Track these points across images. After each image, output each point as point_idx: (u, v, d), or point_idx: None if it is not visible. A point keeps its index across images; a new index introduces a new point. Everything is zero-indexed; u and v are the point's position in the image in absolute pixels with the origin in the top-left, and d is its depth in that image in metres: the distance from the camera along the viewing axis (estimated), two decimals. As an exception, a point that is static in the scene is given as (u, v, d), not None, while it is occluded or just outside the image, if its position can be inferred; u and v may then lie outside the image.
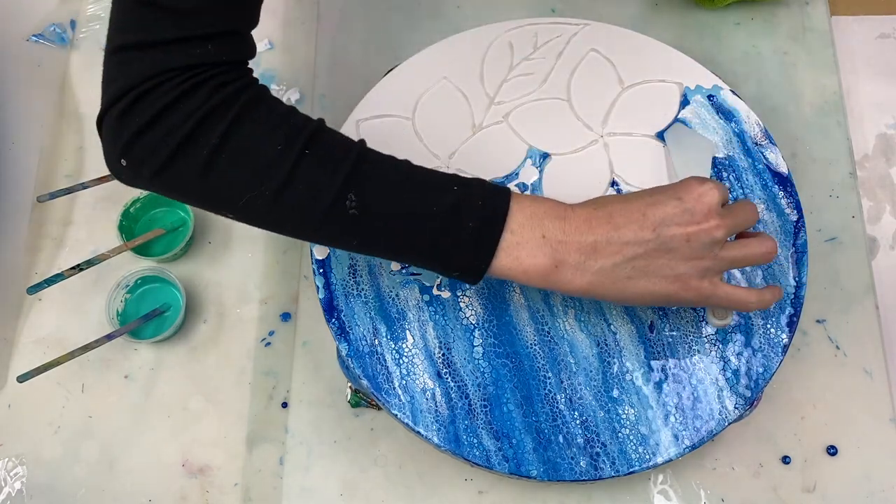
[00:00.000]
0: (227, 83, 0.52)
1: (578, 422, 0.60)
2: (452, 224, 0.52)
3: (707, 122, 0.68)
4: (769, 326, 0.62)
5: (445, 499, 0.69)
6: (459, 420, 0.60)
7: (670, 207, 0.53)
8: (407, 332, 0.62)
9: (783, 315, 0.63)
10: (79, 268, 0.72)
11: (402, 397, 0.61)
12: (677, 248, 0.53)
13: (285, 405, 0.73)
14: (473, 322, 0.63)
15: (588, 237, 0.53)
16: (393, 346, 0.62)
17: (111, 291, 0.73)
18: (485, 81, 0.70)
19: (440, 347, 0.62)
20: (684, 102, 0.69)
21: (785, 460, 0.70)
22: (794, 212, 0.66)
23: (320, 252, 0.65)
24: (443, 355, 0.62)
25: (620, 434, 0.60)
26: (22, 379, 0.68)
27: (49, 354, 0.71)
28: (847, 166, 0.79)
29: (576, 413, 0.60)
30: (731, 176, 0.67)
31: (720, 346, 0.62)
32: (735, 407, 0.61)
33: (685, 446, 0.60)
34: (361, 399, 0.71)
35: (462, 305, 0.63)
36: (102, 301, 0.74)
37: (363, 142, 0.54)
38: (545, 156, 0.68)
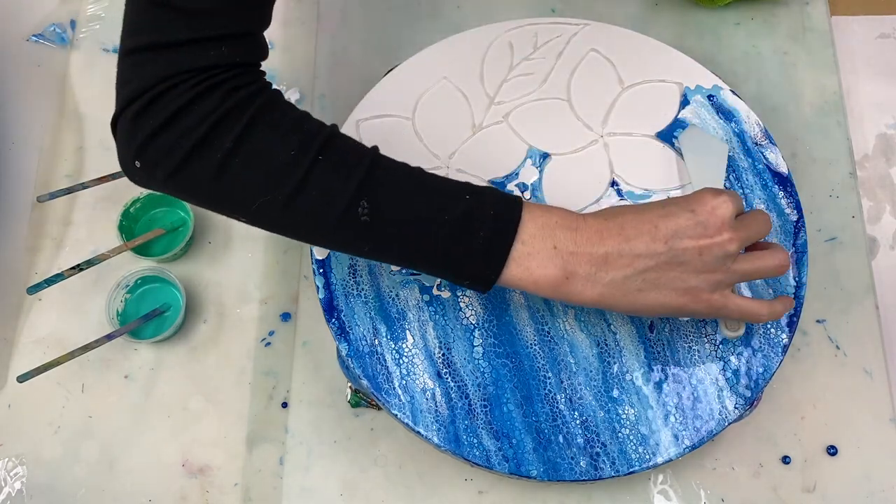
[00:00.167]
0: (242, 87, 0.52)
1: (578, 422, 0.60)
2: (463, 233, 0.52)
3: (707, 122, 0.68)
4: (769, 326, 0.62)
5: (445, 499, 0.69)
6: (459, 420, 0.60)
7: (683, 220, 0.53)
8: (407, 332, 0.62)
9: (783, 316, 0.63)
10: (79, 268, 0.72)
11: (402, 397, 0.61)
12: (689, 261, 0.52)
13: (285, 405, 0.73)
14: (473, 322, 0.63)
15: (599, 248, 0.53)
16: (393, 346, 0.62)
17: (111, 291, 0.73)
18: (485, 81, 0.70)
19: (440, 347, 0.62)
20: (684, 102, 0.69)
21: (785, 460, 0.70)
22: (794, 212, 0.66)
23: (320, 252, 0.65)
24: (443, 355, 0.62)
25: (620, 434, 0.60)
26: (22, 379, 0.68)
27: (49, 354, 0.72)
28: (847, 166, 0.79)
29: (576, 413, 0.60)
30: (731, 176, 0.67)
31: (720, 346, 0.62)
32: (735, 407, 0.61)
33: (685, 446, 0.60)
34: (361, 399, 0.71)
35: (462, 305, 0.63)
36: (102, 301, 0.74)
37: (376, 148, 0.54)
38: (545, 156, 0.68)
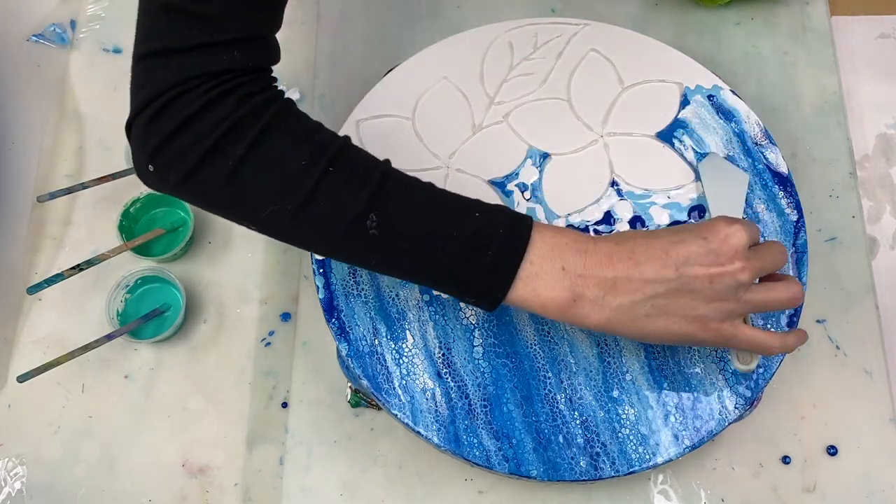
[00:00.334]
0: (255, 93, 0.52)
1: (578, 422, 0.60)
2: (472, 250, 0.52)
3: (707, 122, 0.68)
4: (769, 326, 0.62)
5: (445, 499, 0.69)
6: (459, 420, 0.60)
7: (695, 247, 0.52)
8: (407, 332, 0.62)
9: (783, 315, 0.63)
10: (79, 268, 0.72)
11: (402, 397, 0.61)
12: (699, 289, 0.52)
13: (285, 405, 0.73)
14: (473, 322, 0.63)
15: (608, 273, 0.52)
16: (393, 346, 0.62)
17: (111, 291, 0.73)
18: (485, 81, 0.70)
19: (440, 347, 0.62)
20: (684, 102, 0.69)
21: (785, 460, 0.70)
22: (794, 212, 0.66)
23: (320, 252, 0.65)
24: (443, 355, 0.62)
25: (620, 434, 0.60)
26: (22, 379, 0.68)
27: (49, 354, 0.72)
28: (847, 166, 0.79)
29: (576, 413, 0.60)
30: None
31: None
32: (735, 407, 0.61)
33: (685, 446, 0.60)
34: (361, 399, 0.71)
35: (462, 305, 0.63)
36: (102, 301, 0.74)
37: (388, 161, 0.54)
38: (545, 156, 0.68)
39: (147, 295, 0.76)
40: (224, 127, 0.50)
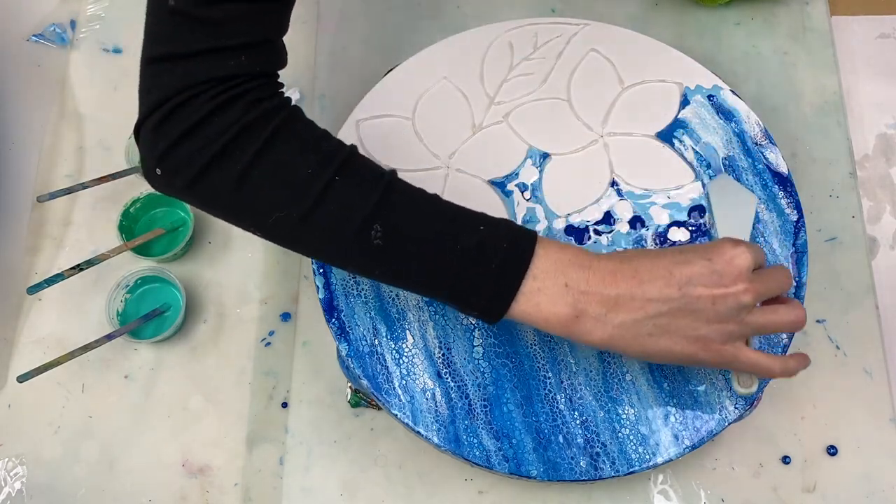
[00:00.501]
0: (263, 99, 0.52)
1: (578, 422, 0.60)
2: (475, 263, 0.52)
3: (707, 122, 0.68)
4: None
5: (445, 499, 0.69)
6: (459, 420, 0.60)
7: (698, 267, 0.52)
8: (407, 332, 0.62)
9: (783, 315, 0.63)
10: (79, 268, 0.72)
11: (402, 397, 0.61)
12: (702, 310, 0.52)
13: (285, 405, 0.73)
14: (473, 322, 0.63)
15: (612, 290, 0.52)
16: (393, 346, 0.62)
17: (111, 291, 0.73)
18: (485, 81, 0.70)
19: (440, 347, 0.62)
20: (684, 102, 0.69)
21: (785, 460, 0.70)
22: (794, 212, 0.66)
23: (320, 252, 0.65)
24: (443, 355, 0.62)
25: (620, 434, 0.60)
26: (22, 379, 0.68)
27: (49, 354, 0.72)
28: (847, 166, 0.79)
29: (576, 413, 0.60)
30: (732, 176, 0.67)
31: (720, 346, 0.62)
32: (735, 407, 0.61)
33: (685, 446, 0.60)
34: (361, 399, 0.71)
35: (462, 305, 0.63)
36: (102, 301, 0.74)
37: (394, 172, 0.54)
38: (545, 156, 0.68)
39: (147, 295, 0.76)
40: (232, 132, 0.50)
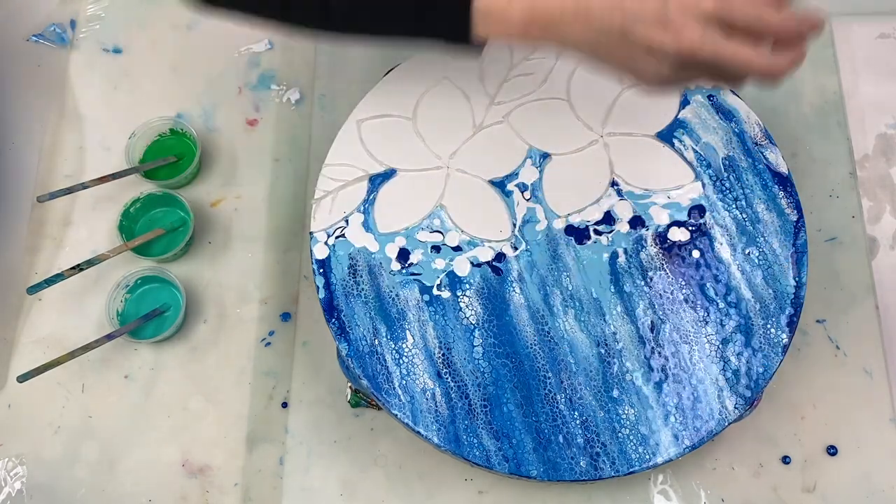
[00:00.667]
0: None
1: (578, 422, 0.60)
2: None
3: (707, 122, 0.68)
4: (769, 326, 0.62)
5: (445, 499, 0.69)
6: (459, 420, 0.60)
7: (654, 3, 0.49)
8: (407, 332, 0.62)
9: (783, 315, 0.63)
10: (79, 268, 0.72)
11: (402, 397, 0.61)
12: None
13: (285, 405, 0.73)
14: (473, 322, 0.63)
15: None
16: (393, 346, 0.62)
17: (111, 291, 0.73)
18: (485, 81, 0.70)
19: (440, 347, 0.62)
20: (684, 102, 0.69)
21: (785, 460, 0.70)
22: (794, 212, 0.66)
23: (320, 252, 0.65)
24: (443, 355, 0.62)
25: (620, 434, 0.60)
26: (22, 379, 0.68)
27: (49, 354, 0.72)
28: (847, 166, 0.79)
29: (576, 413, 0.60)
30: (732, 176, 0.67)
31: (720, 347, 0.62)
32: (735, 407, 0.61)
33: (685, 446, 0.60)
34: (361, 399, 0.71)
35: (462, 305, 0.63)
36: (102, 301, 0.74)
37: None
38: (545, 156, 0.68)
39: (147, 295, 0.76)
40: None
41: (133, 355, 0.75)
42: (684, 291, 0.64)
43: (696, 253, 0.65)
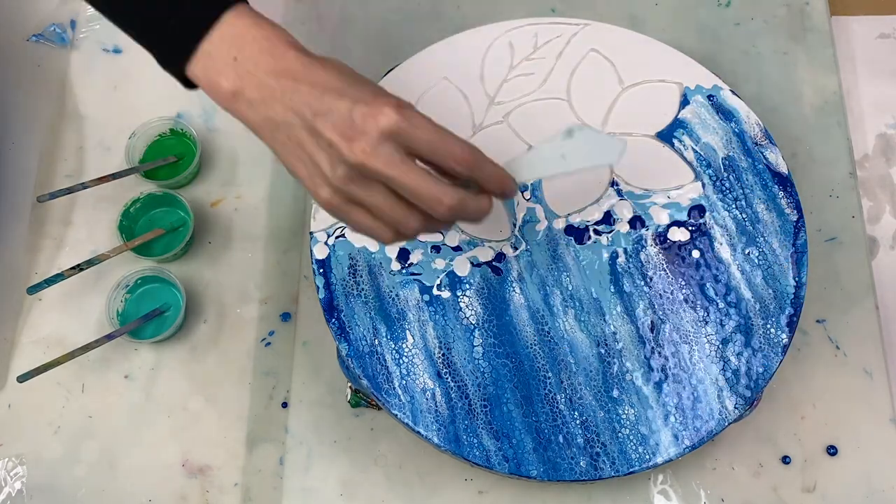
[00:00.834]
0: None
1: (578, 422, 0.60)
2: (166, 5, 0.52)
3: (707, 122, 0.68)
4: (769, 326, 0.62)
5: (445, 499, 0.69)
6: (459, 420, 0.60)
7: (343, 105, 0.48)
8: (407, 332, 0.62)
9: (783, 315, 0.63)
10: (79, 268, 0.72)
11: (402, 397, 0.61)
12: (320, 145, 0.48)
13: (285, 405, 0.73)
14: (473, 322, 0.63)
15: (272, 82, 0.49)
16: (393, 346, 0.62)
17: (111, 291, 0.73)
18: (485, 81, 0.70)
19: (440, 347, 0.62)
20: (684, 102, 0.69)
21: (785, 460, 0.70)
22: (794, 212, 0.66)
23: (320, 252, 0.65)
24: (443, 355, 0.62)
25: (620, 434, 0.60)
26: (22, 379, 0.68)
27: (49, 354, 0.72)
28: (847, 166, 0.79)
29: (576, 413, 0.60)
30: (732, 176, 0.67)
31: (720, 347, 0.62)
32: (735, 407, 0.61)
33: (685, 446, 0.60)
34: (361, 399, 0.71)
35: (462, 305, 0.63)
36: (102, 301, 0.74)
37: None
38: (545, 156, 0.68)
39: (147, 295, 0.76)
40: None
41: (133, 355, 0.75)
42: (684, 291, 0.64)
43: (696, 253, 0.65)
